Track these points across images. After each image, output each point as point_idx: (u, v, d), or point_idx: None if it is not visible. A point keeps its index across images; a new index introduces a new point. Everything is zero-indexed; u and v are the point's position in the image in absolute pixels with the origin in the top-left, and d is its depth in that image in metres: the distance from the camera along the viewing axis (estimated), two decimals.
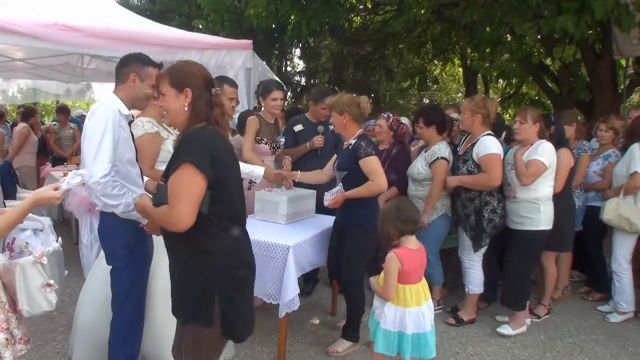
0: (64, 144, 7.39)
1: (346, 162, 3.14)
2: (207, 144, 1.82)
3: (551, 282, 3.89)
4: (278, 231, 3.18)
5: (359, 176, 3.05)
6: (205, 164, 1.75)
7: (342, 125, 3.18)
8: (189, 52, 4.80)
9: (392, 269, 2.46)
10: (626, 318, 3.89)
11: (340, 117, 3.16)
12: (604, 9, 4.38)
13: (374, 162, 3.03)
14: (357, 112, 3.16)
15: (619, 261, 3.85)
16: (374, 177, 3.01)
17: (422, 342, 2.48)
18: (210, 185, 1.78)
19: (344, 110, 3.12)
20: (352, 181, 3.08)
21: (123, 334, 2.46)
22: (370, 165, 3.02)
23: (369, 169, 3.02)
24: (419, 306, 2.50)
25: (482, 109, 3.50)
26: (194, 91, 1.87)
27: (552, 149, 3.47)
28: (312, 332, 3.56)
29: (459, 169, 3.61)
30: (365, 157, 3.01)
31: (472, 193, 3.55)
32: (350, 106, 3.13)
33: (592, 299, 4.32)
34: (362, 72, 13.55)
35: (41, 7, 4.35)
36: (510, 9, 5.38)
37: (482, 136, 3.50)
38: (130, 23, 5.09)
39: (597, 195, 4.20)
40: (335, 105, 3.16)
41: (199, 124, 1.88)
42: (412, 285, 2.51)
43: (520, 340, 3.54)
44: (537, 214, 3.44)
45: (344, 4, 7.96)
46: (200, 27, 9.25)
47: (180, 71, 1.91)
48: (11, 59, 5.77)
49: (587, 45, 6.63)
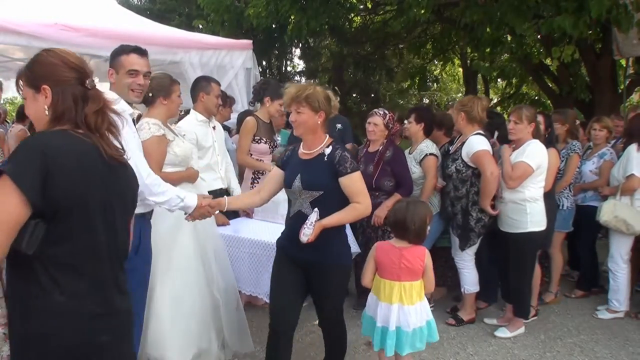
0: None
1: (320, 178, 2.36)
2: (40, 154, 1.26)
3: (537, 282, 3.88)
4: (278, 231, 3.16)
5: (335, 197, 2.36)
6: (28, 181, 1.23)
7: (314, 126, 2.38)
8: (189, 52, 4.81)
9: (369, 256, 2.66)
10: (616, 316, 3.90)
11: (313, 116, 2.35)
12: (600, 8, 4.37)
13: (360, 179, 2.41)
14: (330, 111, 2.51)
15: (615, 260, 3.86)
16: (361, 199, 2.37)
17: (383, 337, 2.53)
18: (39, 214, 1.26)
19: (321, 107, 2.37)
20: (326, 204, 2.34)
21: None
22: (357, 184, 2.37)
23: (356, 189, 2.36)
24: (390, 303, 2.52)
25: (465, 106, 3.51)
26: (54, 87, 1.38)
27: (542, 149, 3.43)
28: (312, 332, 3.55)
29: (448, 167, 3.62)
30: (351, 172, 2.34)
31: (460, 192, 3.54)
32: (327, 103, 2.44)
33: (575, 295, 4.35)
34: (362, 72, 13.57)
35: (41, 7, 4.35)
36: (510, 8, 5.38)
37: (471, 135, 3.49)
38: (130, 23, 5.09)
39: (595, 194, 4.19)
40: (310, 98, 2.34)
41: (60, 127, 1.38)
42: (387, 281, 2.54)
43: (520, 340, 3.54)
44: (523, 216, 3.40)
45: (344, 4, 7.96)
46: (200, 27, 9.26)
47: (36, 63, 1.44)
48: (11, 58, 5.75)
49: (587, 45, 6.64)
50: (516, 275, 3.52)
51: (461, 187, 3.55)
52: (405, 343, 2.51)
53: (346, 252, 2.57)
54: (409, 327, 2.50)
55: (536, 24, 5.14)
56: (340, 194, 2.37)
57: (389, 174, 3.57)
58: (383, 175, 3.56)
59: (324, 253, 2.40)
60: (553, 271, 4.20)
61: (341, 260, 2.52)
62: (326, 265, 2.45)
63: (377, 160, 3.60)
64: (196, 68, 4.83)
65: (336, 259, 2.48)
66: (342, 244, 2.53)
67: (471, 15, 5.73)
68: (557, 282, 4.23)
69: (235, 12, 8.19)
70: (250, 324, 3.15)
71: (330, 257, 2.44)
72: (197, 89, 3.45)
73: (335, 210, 2.35)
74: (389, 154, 3.60)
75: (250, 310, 3.77)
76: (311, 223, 2.31)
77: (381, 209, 3.52)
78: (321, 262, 2.43)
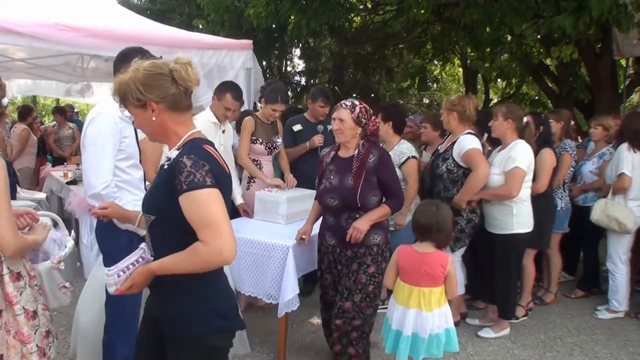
0: (64, 143, 7.41)
1: (154, 195, 1.65)
2: None
3: (529, 282, 3.89)
4: (278, 231, 3.17)
5: (177, 226, 1.54)
6: None
7: (151, 124, 1.62)
8: (189, 52, 4.79)
9: (392, 259, 2.62)
10: (615, 316, 3.91)
11: (140, 113, 1.61)
12: (601, 8, 4.37)
13: (209, 201, 1.53)
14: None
15: (613, 260, 3.88)
16: (206, 234, 1.51)
17: (397, 341, 2.50)
18: None
19: (140, 98, 1.60)
20: (166, 236, 1.60)
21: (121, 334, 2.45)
22: (200, 210, 1.50)
23: (197, 217, 1.50)
24: (406, 307, 2.50)
25: (457, 106, 3.48)
26: None
27: (528, 149, 3.42)
28: (312, 332, 3.56)
29: (438, 167, 3.56)
30: (189, 190, 1.49)
31: (451, 192, 3.50)
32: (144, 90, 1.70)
33: (575, 296, 4.36)
34: (362, 72, 13.55)
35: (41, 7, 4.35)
36: (510, 8, 5.38)
37: (462, 135, 3.48)
38: (130, 23, 5.08)
39: (595, 195, 4.18)
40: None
41: None
42: (406, 285, 2.52)
43: (520, 340, 3.54)
44: (509, 217, 3.39)
45: (344, 4, 7.96)
46: (200, 27, 9.25)
47: None
48: (11, 58, 5.76)
49: (587, 45, 6.63)
50: (501, 277, 3.51)
51: (452, 188, 3.51)
52: (420, 349, 2.49)
53: (209, 320, 1.59)
54: (426, 332, 2.48)
55: (535, 23, 5.14)
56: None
57: (374, 185, 2.72)
58: (368, 189, 2.70)
59: (171, 317, 1.61)
60: (552, 272, 4.20)
61: (199, 331, 1.58)
62: (173, 335, 1.62)
63: (357, 168, 2.72)
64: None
65: (186, 330, 1.58)
66: (203, 305, 1.59)
67: (470, 15, 5.73)
68: (556, 282, 4.23)
69: (235, 12, 8.19)
70: (250, 324, 3.15)
71: (178, 326, 1.60)
72: (215, 91, 3.58)
73: (182, 246, 1.49)
74: (374, 158, 2.74)
75: (250, 311, 3.78)
76: (127, 265, 1.57)
77: (363, 222, 2.66)
78: (170, 332, 1.63)
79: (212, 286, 1.62)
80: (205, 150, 1.57)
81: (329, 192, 2.77)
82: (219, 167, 1.57)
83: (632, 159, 3.72)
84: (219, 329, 1.61)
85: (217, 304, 1.62)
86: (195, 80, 1.59)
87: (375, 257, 2.75)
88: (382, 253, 2.79)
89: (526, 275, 3.86)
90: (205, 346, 1.59)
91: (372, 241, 2.75)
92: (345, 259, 2.79)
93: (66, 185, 5.22)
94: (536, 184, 3.68)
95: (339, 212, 2.75)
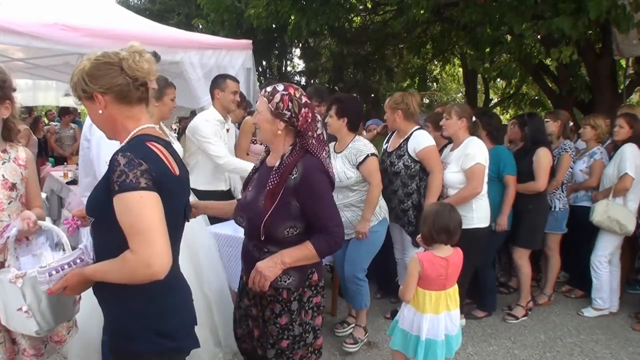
0: (65, 143, 7.42)
1: (93, 195, 1.52)
2: None
3: (526, 281, 3.88)
4: None
5: (115, 229, 1.43)
6: None
7: (102, 118, 1.53)
8: (189, 52, 4.80)
9: (413, 271, 2.46)
10: (600, 314, 3.93)
11: (89, 106, 1.51)
12: (599, 9, 4.37)
13: (140, 204, 1.39)
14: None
15: (599, 259, 3.90)
16: (136, 243, 1.43)
17: (431, 350, 2.46)
18: None
19: (87, 91, 1.51)
20: (104, 239, 1.51)
21: None
22: (130, 214, 1.37)
23: (127, 222, 1.37)
24: (436, 314, 2.47)
25: (400, 104, 3.47)
26: None
27: (482, 145, 3.43)
28: None
29: (394, 165, 3.50)
30: (121, 191, 1.36)
31: (410, 187, 3.47)
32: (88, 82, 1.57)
33: (575, 296, 4.35)
34: (362, 72, 13.56)
35: (41, 7, 4.35)
36: (509, 8, 5.38)
37: (414, 131, 3.47)
38: (129, 23, 5.09)
39: (587, 194, 4.15)
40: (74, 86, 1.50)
41: None
42: (433, 292, 2.47)
43: (520, 340, 3.54)
44: (469, 212, 3.37)
45: (344, 4, 7.96)
46: (200, 27, 9.25)
47: None
48: (11, 58, 5.76)
49: (587, 45, 6.63)
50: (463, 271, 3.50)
51: (410, 183, 3.47)
52: (454, 346, 2.52)
53: (151, 339, 1.45)
54: (455, 329, 2.50)
55: (535, 24, 5.14)
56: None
57: (292, 213, 1.88)
58: (284, 216, 1.87)
59: (109, 329, 1.53)
60: (549, 273, 4.15)
61: (140, 348, 1.44)
62: (113, 350, 1.52)
63: (273, 185, 1.88)
64: (196, 68, 4.83)
65: (124, 346, 1.46)
66: (142, 322, 1.45)
67: (470, 15, 5.73)
68: (552, 284, 4.17)
69: (235, 12, 8.19)
70: None
71: (115, 339, 1.49)
72: (212, 87, 3.54)
73: (119, 251, 1.34)
74: (296, 175, 1.87)
75: None
76: (62, 265, 1.48)
77: (271, 265, 1.90)
78: (110, 346, 1.53)
79: (156, 302, 1.43)
80: (147, 147, 1.37)
81: (241, 209, 2.06)
82: (163, 167, 1.39)
83: (634, 160, 3.71)
84: (163, 350, 1.44)
85: (160, 322, 1.43)
86: (146, 71, 1.44)
87: (287, 305, 1.97)
88: (294, 300, 1.97)
89: (523, 275, 3.86)
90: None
91: (281, 284, 1.94)
92: (253, 294, 2.05)
93: (66, 185, 5.23)
94: (535, 183, 3.68)
95: (248, 236, 2.06)
